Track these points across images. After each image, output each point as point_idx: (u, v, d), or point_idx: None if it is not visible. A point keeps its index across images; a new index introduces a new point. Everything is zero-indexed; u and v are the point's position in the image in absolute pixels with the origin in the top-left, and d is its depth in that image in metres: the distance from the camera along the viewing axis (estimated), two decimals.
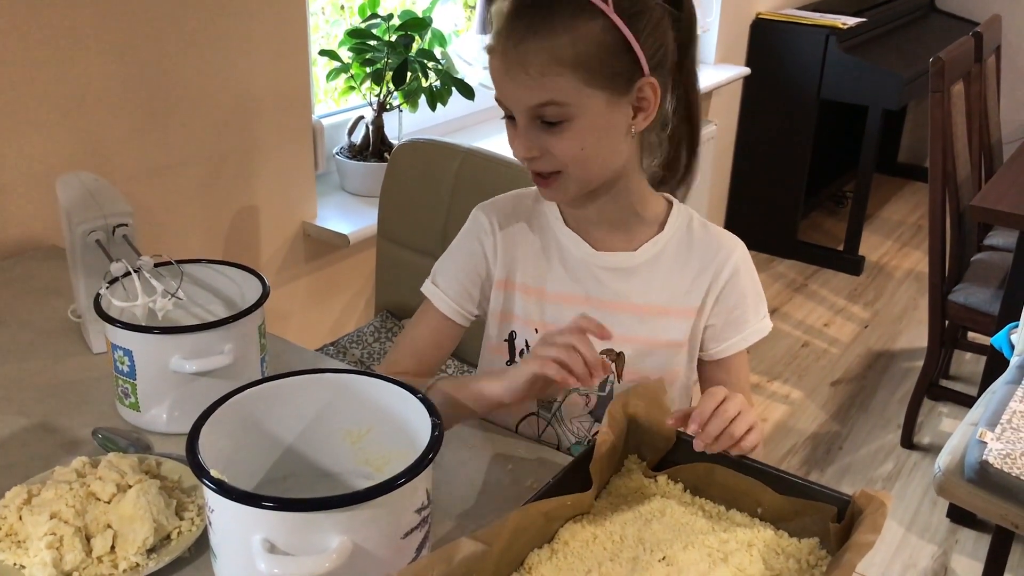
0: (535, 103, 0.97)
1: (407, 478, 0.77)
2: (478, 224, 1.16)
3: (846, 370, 3.01)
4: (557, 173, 1.02)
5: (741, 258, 1.13)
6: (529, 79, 0.96)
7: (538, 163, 1.02)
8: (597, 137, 1.00)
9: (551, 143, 0.99)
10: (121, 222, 1.20)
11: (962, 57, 2.44)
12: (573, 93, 0.96)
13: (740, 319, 1.13)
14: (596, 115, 0.98)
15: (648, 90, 1.00)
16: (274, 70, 1.89)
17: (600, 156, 1.02)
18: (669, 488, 0.97)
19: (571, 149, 0.99)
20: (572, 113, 0.97)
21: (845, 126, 4.11)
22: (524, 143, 1.00)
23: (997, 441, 1.49)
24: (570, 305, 1.11)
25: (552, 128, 0.98)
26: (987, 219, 2.22)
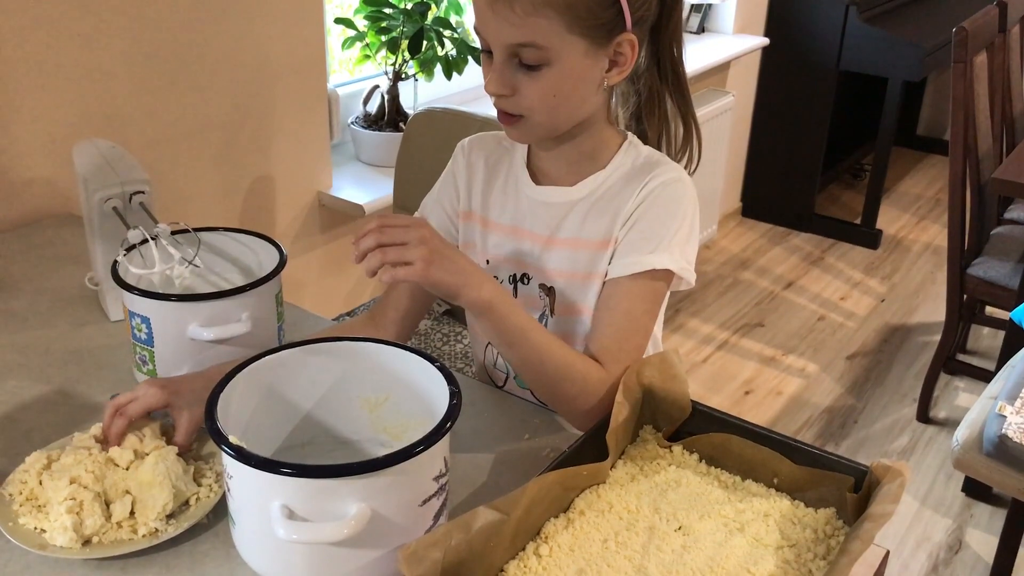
0: (515, 41, 0.97)
1: (425, 446, 0.77)
2: (455, 159, 1.20)
3: (862, 344, 3.00)
4: (521, 116, 1.02)
5: (661, 185, 1.06)
6: (514, 16, 0.95)
7: (506, 102, 1.01)
8: (571, 86, 1.00)
9: (524, 84, 0.99)
10: (138, 189, 1.20)
11: (986, 27, 2.40)
12: (555, 37, 0.96)
13: (628, 246, 1.06)
14: (572, 63, 0.98)
15: (627, 46, 1.00)
16: (289, 38, 1.88)
17: (569, 105, 1.02)
18: (685, 458, 0.97)
19: (542, 94, 0.99)
20: (550, 57, 0.97)
21: (864, 98, 4.06)
22: (497, 80, 1.00)
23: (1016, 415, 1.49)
24: (505, 236, 1.14)
25: (528, 70, 0.98)
26: (1008, 192, 2.19)
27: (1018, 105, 2.82)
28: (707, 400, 2.60)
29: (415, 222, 0.92)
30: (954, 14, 3.36)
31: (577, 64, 0.99)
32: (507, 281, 1.15)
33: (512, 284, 1.14)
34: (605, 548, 0.84)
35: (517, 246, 1.13)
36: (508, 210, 1.14)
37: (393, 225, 0.90)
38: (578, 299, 1.10)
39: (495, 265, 1.15)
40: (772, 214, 3.79)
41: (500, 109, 1.03)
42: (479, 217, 1.16)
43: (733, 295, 3.26)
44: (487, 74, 1.02)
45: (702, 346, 2.95)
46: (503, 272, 1.15)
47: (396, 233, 0.89)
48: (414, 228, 0.90)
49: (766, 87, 3.64)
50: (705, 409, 0.98)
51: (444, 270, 0.90)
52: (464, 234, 1.18)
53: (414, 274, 0.89)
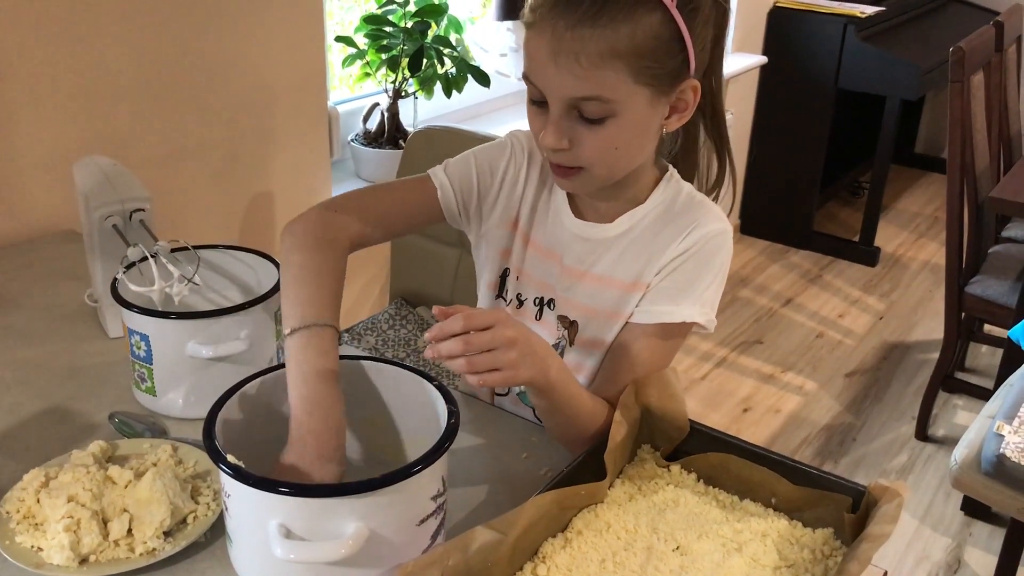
0: (579, 95, 0.91)
1: (424, 465, 0.77)
2: (506, 148, 1.13)
3: (861, 361, 3.00)
4: (579, 168, 0.97)
5: (704, 237, 1.03)
6: (580, 69, 0.89)
7: (563, 156, 0.96)
8: (632, 136, 0.96)
9: (584, 137, 0.94)
10: (138, 207, 1.20)
11: (982, 47, 2.42)
12: (621, 89, 0.91)
13: (660, 294, 1.03)
14: (636, 114, 0.93)
15: (690, 92, 0.96)
16: (290, 56, 1.89)
17: (628, 156, 0.98)
18: (683, 478, 0.97)
19: (603, 147, 0.95)
20: (615, 110, 0.92)
21: (862, 116, 4.08)
22: (556, 134, 0.94)
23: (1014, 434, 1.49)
24: (541, 258, 1.11)
25: (589, 123, 0.93)
26: (1006, 211, 2.20)
27: (1015, 124, 2.83)
28: (705, 417, 2.61)
29: (498, 319, 0.85)
30: (951, 34, 3.37)
31: (641, 114, 0.94)
32: (533, 303, 1.12)
33: (538, 306, 1.12)
34: (603, 568, 0.84)
35: (550, 271, 1.10)
36: (548, 234, 1.10)
37: (479, 328, 0.84)
38: (599, 335, 1.09)
39: (525, 283, 1.13)
40: (770, 231, 3.80)
41: (555, 163, 0.98)
42: (523, 232, 1.12)
43: (732, 312, 3.26)
44: (536, 124, 0.97)
45: (701, 363, 2.95)
46: (531, 292, 1.12)
47: (483, 341, 0.84)
48: (499, 328, 0.85)
49: (765, 105, 3.66)
50: (703, 428, 0.98)
51: (529, 367, 0.88)
52: (501, 241, 1.14)
53: (504, 381, 0.86)
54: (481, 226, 1.14)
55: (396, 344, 1.72)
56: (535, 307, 1.12)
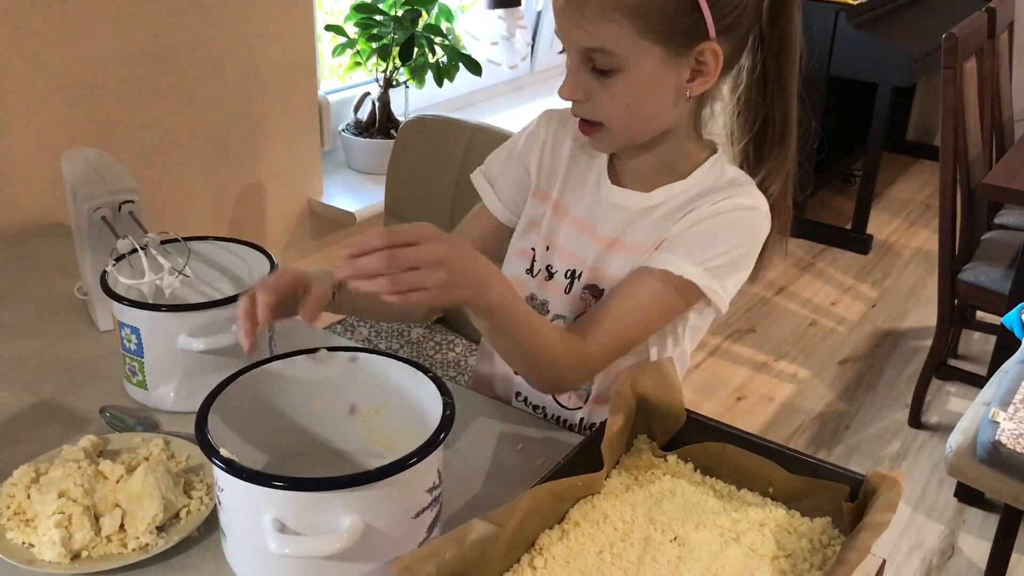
0: (586, 46, 0.94)
1: (419, 458, 0.76)
2: (537, 128, 1.15)
3: (853, 349, 3.00)
4: (599, 124, 0.99)
5: (735, 206, 1.01)
6: (584, 20, 0.92)
7: (581, 108, 0.99)
8: (645, 93, 0.96)
9: (597, 91, 0.96)
10: (127, 199, 1.19)
11: (975, 33, 2.41)
12: (626, 43, 0.92)
13: (674, 244, 1.01)
14: (647, 71, 0.94)
15: (709, 55, 0.95)
16: (279, 46, 1.87)
17: (645, 115, 0.99)
18: (679, 468, 0.96)
19: (616, 102, 0.96)
20: (622, 64, 0.93)
21: (854, 103, 4.07)
22: (570, 85, 0.97)
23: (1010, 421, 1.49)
24: (576, 229, 1.10)
25: (601, 76, 0.95)
26: (998, 197, 2.20)
27: (1007, 110, 2.83)
28: (699, 406, 2.60)
29: (425, 234, 0.82)
30: (943, 20, 3.37)
31: (652, 72, 0.95)
32: (564, 276, 1.11)
33: (568, 279, 1.11)
34: (600, 559, 0.83)
35: (582, 243, 1.09)
36: (585, 204, 1.10)
37: (402, 245, 0.80)
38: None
39: (555, 254, 1.12)
40: None
41: (577, 116, 1.01)
42: (554, 202, 1.12)
43: None
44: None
45: (694, 352, 2.94)
46: (561, 265, 1.11)
47: (408, 257, 0.80)
48: (426, 245, 0.81)
49: None
50: (700, 418, 0.98)
51: (461, 287, 0.84)
52: (532, 212, 1.14)
53: (429, 300, 0.82)
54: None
55: (390, 335, 1.72)
56: (566, 280, 1.11)
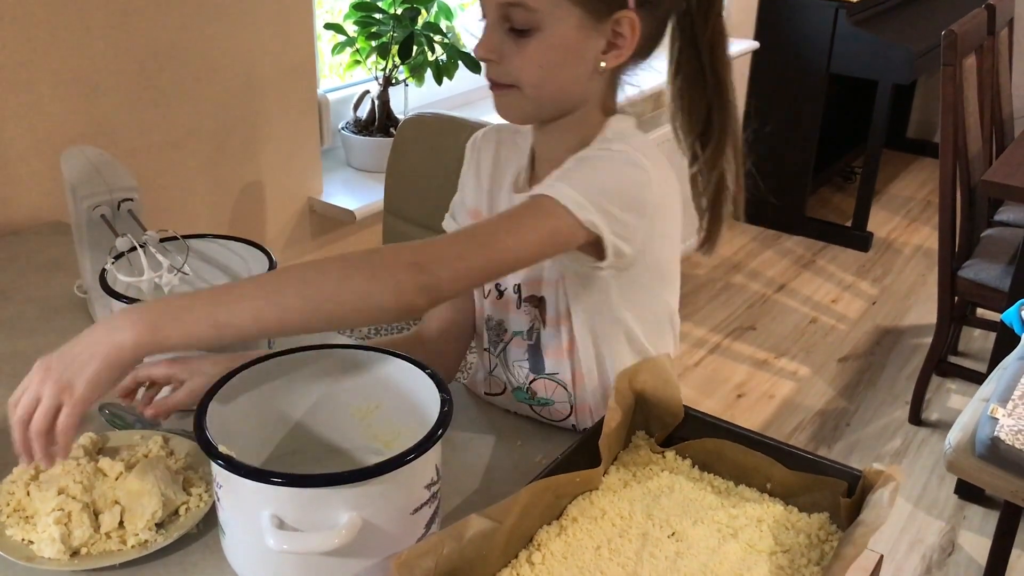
0: (505, 0, 0.92)
1: (417, 454, 0.77)
2: (467, 155, 1.16)
3: (854, 346, 3.00)
4: (511, 86, 0.97)
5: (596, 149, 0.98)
6: None
7: (494, 69, 0.97)
8: (560, 58, 0.95)
9: (512, 51, 0.95)
10: (126, 197, 1.19)
11: (975, 30, 2.41)
12: (545, 1, 0.91)
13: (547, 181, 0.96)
14: (563, 34, 0.93)
15: (626, 25, 0.94)
16: (279, 44, 1.87)
17: (558, 80, 0.96)
18: (677, 464, 0.96)
19: (530, 64, 0.94)
20: (539, 22, 0.92)
21: (854, 101, 4.07)
22: (486, 44, 0.96)
23: (1008, 417, 1.48)
24: None
25: (517, 36, 0.94)
26: (998, 194, 2.20)
27: (1007, 107, 2.83)
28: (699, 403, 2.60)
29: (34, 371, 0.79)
30: (943, 17, 3.36)
31: (568, 35, 0.93)
32: (512, 290, 1.10)
33: (516, 294, 1.10)
34: (598, 555, 0.83)
35: None
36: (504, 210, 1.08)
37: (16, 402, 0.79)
38: (562, 305, 1.06)
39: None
40: (763, 217, 3.80)
41: (489, 78, 0.98)
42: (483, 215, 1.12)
43: (725, 298, 3.26)
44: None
45: (694, 349, 2.95)
46: (508, 280, 1.10)
47: (26, 403, 0.77)
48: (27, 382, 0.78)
49: (756, 90, 3.65)
50: (698, 414, 0.98)
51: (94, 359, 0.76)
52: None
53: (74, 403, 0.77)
54: None
55: (388, 333, 1.72)
56: (515, 295, 1.11)
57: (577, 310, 1.06)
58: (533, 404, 1.13)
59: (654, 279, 1.05)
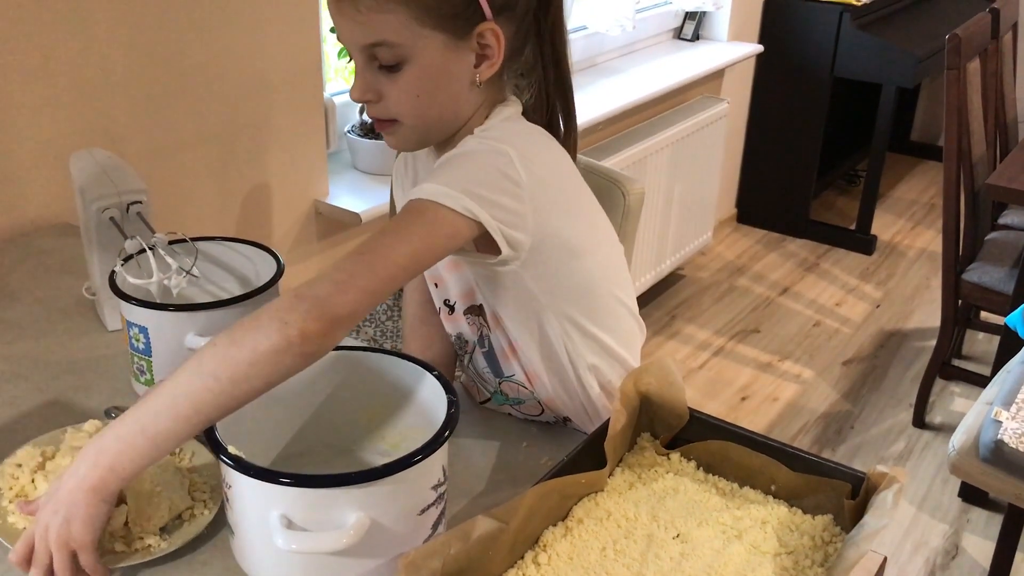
0: (366, 42, 0.92)
1: (424, 455, 0.77)
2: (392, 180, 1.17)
3: (858, 349, 3.00)
4: (394, 120, 0.97)
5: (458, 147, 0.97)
6: (359, 15, 0.90)
7: (374, 108, 0.97)
8: (435, 84, 0.95)
9: (387, 87, 0.94)
10: (135, 199, 1.20)
11: (979, 34, 2.42)
12: (406, 33, 0.91)
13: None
14: (432, 59, 0.93)
15: (490, 36, 0.94)
16: (285, 48, 1.88)
17: (437, 104, 0.97)
18: (682, 466, 0.97)
19: (406, 95, 0.94)
20: (406, 55, 0.92)
21: (858, 104, 4.07)
22: (360, 86, 0.95)
23: (1012, 420, 1.49)
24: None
25: (388, 72, 0.93)
26: (1002, 198, 2.20)
27: (1011, 111, 2.83)
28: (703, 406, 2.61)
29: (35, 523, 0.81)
30: (947, 21, 3.37)
31: (437, 60, 0.93)
32: (457, 303, 1.10)
33: (465, 314, 1.10)
34: (603, 556, 0.84)
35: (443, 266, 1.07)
36: None
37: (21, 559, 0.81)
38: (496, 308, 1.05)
39: (442, 288, 1.11)
40: (767, 220, 3.80)
41: (371, 116, 0.98)
42: None
43: (729, 301, 3.27)
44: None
45: (698, 352, 2.95)
46: (453, 295, 1.10)
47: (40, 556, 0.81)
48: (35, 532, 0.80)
49: (761, 94, 3.65)
50: (702, 416, 0.99)
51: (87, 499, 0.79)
52: None
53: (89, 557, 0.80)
54: None
55: (395, 335, 1.72)
56: (464, 317, 1.10)
57: (503, 312, 1.04)
58: (511, 405, 1.14)
59: (567, 261, 1.01)
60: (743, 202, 3.83)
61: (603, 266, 1.07)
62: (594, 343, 1.07)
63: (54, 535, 0.79)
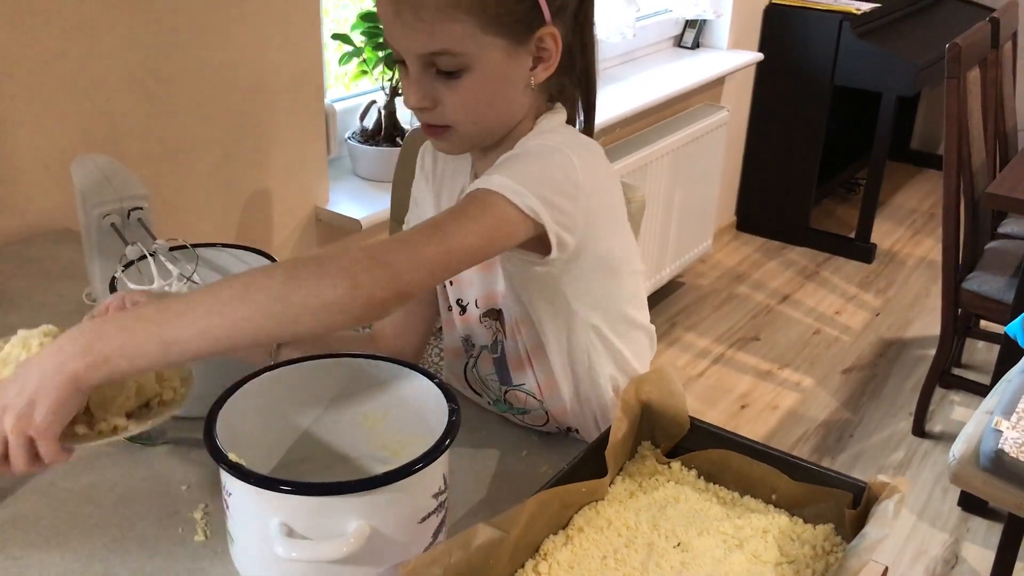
0: (428, 51, 0.90)
1: (425, 463, 0.77)
2: (417, 164, 1.15)
3: (857, 358, 3.00)
4: (447, 127, 0.96)
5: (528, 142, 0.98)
6: (422, 24, 0.88)
7: (429, 115, 0.95)
8: (494, 89, 0.94)
9: (445, 94, 0.93)
10: (136, 205, 1.20)
11: (978, 43, 2.42)
12: (469, 41, 0.90)
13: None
14: (494, 66, 0.92)
15: (549, 40, 0.94)
16: (286, 54, 1.89)
17: (495, 110, 0.97)
18: (683, 474, 0.97)
19: (466, 102, 0.94)
20: (468, 63, 0.91)
21: (858, 112, 4.08)
22: (417, 93, 0.93)
23: (1013, 430, 1.49)
24: None
25: (447, 78, 0.92)
26: (1002, 207, 2.21)
27: (1011, 120, 2.84)
28: (703, 414, 2.61)
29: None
30: (947, 30, 3.38)
31: (498, 66, 0.93)
32: (474, 305, 1.10)
33: (478, 308, 1.10)
34: (604, 565, 0.84)
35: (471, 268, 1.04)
36: None
37: None
38: (521, 315, 1.05)
39: (458, 286, 1.11)
40: (767, 228, 3.80)
41: (424, 122, 0.97)
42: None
43: (728, 309, 3.27)
44: (404, 84, 0.96)
45: (698, 360, 2.95)
46: (468, 295, 1.10)
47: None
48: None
49: (761, 102, 3.66)
50: (703, 425, 0.99)
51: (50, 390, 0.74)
52: None
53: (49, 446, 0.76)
54: None
55: None
56: (477, 309, 1.10)
57: (538, 316, 1.04)
58: (515, 414, 1.14)
59: (602, 273, 1.02)
60: (743, 210, 3.83)
61: (631, 282, 1.08)
62: (615, 354, 1.08)
63: (12, 419, 0.74)
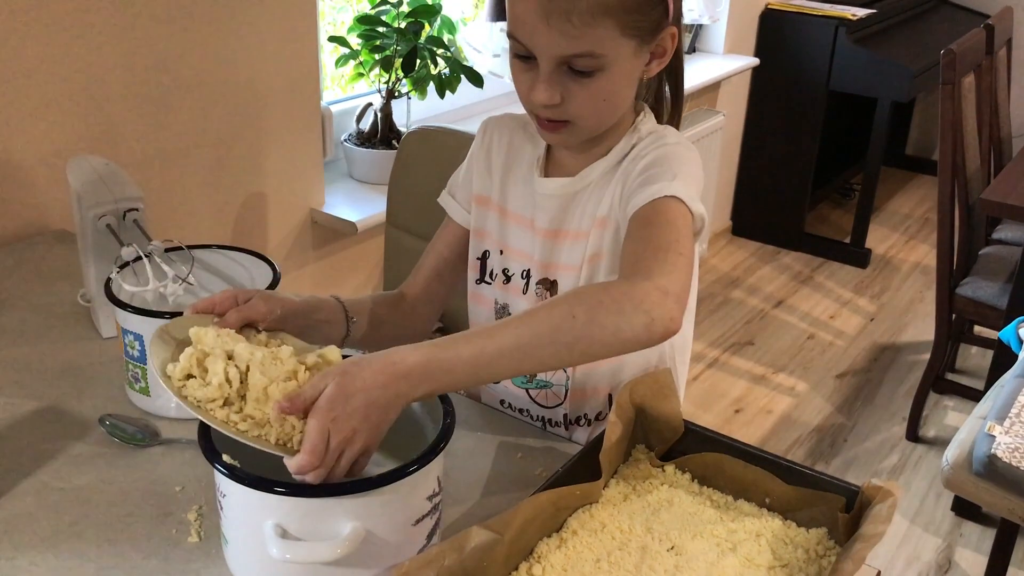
0: (571, 53, 0.93)
1: (419, 465, 0.77)
2: (477, 138, 1.17)
3: (851, 363, 3.01)
4: (566, 122, 0.99)
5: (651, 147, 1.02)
6: (571, 28, 0.91)
7: (553, 111, 0.98)
8: (619, 87, 0.98)
9: (575, 92, 0.96)
10: (132, 207, 1.20)
11: (973, 49, 2.43)
12: (610, 44, 0.93)
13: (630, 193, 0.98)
14: (624, 66, 0.96)
15: (668, 38, 0.99)
16: (283, 56, 1.89)
17: (615, 106, 1.01)
18: (677, 478, 0.97)
19: (593, 100, 0.97)
20: (604, 64, 0.94)
21: (853, 118, 4.09)
22: (548, 91, 0.96)
23: (1006, 435, 1.49)
24: (522, 228, 1.12)
25: (579, 76, 0.95)
26: (996, 212, 2.21)
27: (1005, 126, 2.85)
28: (697, 418, 2.61)
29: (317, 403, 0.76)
30: (942, 36, 3.39)
31: (627, 65, 0.97)
32: (520, 276, 1.12)
33: (524, 279, 1.12)
34: (598, 568, 0.84)
35: (526, 238, 1.11)
36: (521, 200, 1.11)
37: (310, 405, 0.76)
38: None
39: (509, 256, 1.14)
40: (762, 233, 3.81)
41: (545, 118, 1.00)
42: (496, 205, 1.14)
43: (723, 313, 3.27)
44: (523, 79, 0.98)
45: (692, 364, 2.95)
46: (516, 265, 1.13)
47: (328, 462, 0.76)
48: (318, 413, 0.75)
49: (756, 107, 3.67)
50: (697, 429, 0.99)
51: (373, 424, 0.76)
52: (477, 220, 1.15)
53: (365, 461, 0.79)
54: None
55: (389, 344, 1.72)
56: (522, 280, 1.12)
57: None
58: (530, 388, 1.14)
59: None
60: (738, 214, 3.84)
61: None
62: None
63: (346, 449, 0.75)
